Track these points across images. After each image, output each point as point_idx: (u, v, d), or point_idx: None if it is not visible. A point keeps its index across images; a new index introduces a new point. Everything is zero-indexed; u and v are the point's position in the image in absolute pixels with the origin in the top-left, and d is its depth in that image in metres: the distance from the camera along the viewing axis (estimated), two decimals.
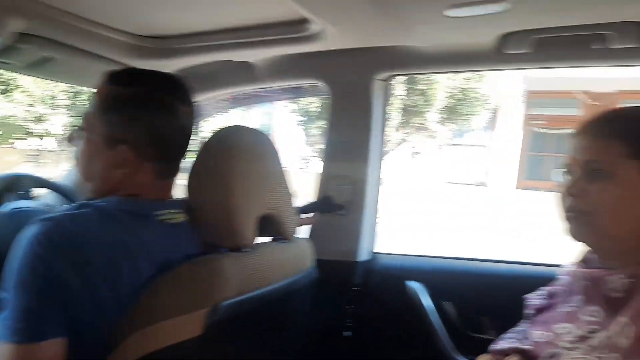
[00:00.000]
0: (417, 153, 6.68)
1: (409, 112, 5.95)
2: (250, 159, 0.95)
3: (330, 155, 1.56)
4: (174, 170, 0.97)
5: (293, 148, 8.40)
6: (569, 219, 0.86)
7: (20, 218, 1.38)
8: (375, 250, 1.62)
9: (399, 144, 6.35)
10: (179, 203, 0.96)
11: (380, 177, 1.60)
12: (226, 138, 0.96)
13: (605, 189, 0.80)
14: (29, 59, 1.32)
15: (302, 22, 1.22)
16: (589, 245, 0.89)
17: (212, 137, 0.96)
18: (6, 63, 1.32)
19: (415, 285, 1.44)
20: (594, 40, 1.16)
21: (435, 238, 5.79)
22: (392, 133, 6.04)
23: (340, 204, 1.52)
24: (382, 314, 1.50)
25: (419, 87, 5.82)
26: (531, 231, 5.90)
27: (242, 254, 0.93)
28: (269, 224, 1.01)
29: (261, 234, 1.00)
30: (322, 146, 1.59)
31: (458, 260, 1.58)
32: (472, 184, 8.86)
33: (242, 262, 0.91)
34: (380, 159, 1.58)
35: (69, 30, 1.26)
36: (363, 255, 1.55)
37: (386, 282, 1.53)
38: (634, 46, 1.12)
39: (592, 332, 0.81)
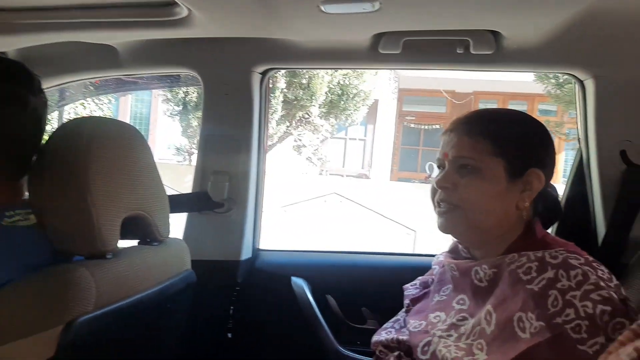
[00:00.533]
0: (302, 146, 6.77)
1: (293, 105, 5.99)
2: (108, 155, 0.83)
3: (207, 149, 1.48)
4: (25, 168, 0.85)
5: (171, 140, 7.98)
6: (440, 211, 0.91)
7: None
8: (259, 247, 1.59)
9: (283, 137, 6.37)
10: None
11: (264, 171, 1.57)
12: (78, 130, 0.84)
13: (473, 184, 0.86)
14: None
15: (168, 4, 1.12)
16: (457, 236, 0.95)
17: (60, 129, 0.84)
18: None
19: (299, 281, 1.44)
20: (458, 46, 1.25)
21: (320, 232, 5.93)
22: (276, 126, 6.03)
23: (219, 202, 1.45)
24: (266, 313, 1.47)
25: (302, 80, 5.88)
26: (410, 221, 6.33)
27: (104, 261, 0.83)
28: (137, 226, 0.92)
29: (128, 237, 0.91)
30: (198, 140, 1.51)
31: (340, 254, 1.62)
32: (354, 176, 9.28)
33: (103, 271, 0.81)
34: (263, 153, 1.54)
35: None
36: (245, 254, 1.51)
37: (270, 280, 1.51)
38: (489, 53, 1.23)
39: (462, 320, 0.87)
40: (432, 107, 10.01)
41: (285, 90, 5.82)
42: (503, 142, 0.87)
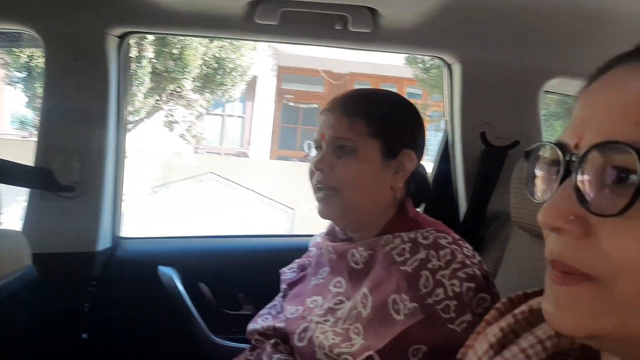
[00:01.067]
0: (174, 122, 6.33)
1: (163, 77, 5.53)
2: None
3: (51, 123, 1.26)
4: None
5: (14, 111, 6.91)
6: (319, 197, 0.88)
7: None
8: (120, 235, 1.42)
9: (152, 112, 5.87)
10: None
11: (124, 150, 1.39)
12: None
13: (350, 165, 0.84)
14: None
15: None
16: (335, 220, 0.93)
17: None
18: None
19: (167, 270, 1.33)
20: (337, 21, 1.21)
21: (194, 215, 5.67)
22: (144, 100, 5.51)
23: (69, 185, 1.25)
24: (130, 307, 1.34)
25: (174, 50, 5.43)
26: (289, 200, 6.36)
27: None
28: None
29: None
30: (40, 112, 1.27)
31: (212, 239, 1.53)
32: (233, 154, 9.05)
33: None
34: (123, 129, 1.36)
35: None
36: (103, 244, 1.34)
37: (134, 271, 1.36)
38: (367, 31, 1.21)
39: (339, 303, 0.85)
40: (310, 86, 10.16)
41: (154, 60, 5.33)
42: (379, 122, 0.86)
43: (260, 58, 7.19)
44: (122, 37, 1.29)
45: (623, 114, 0.34)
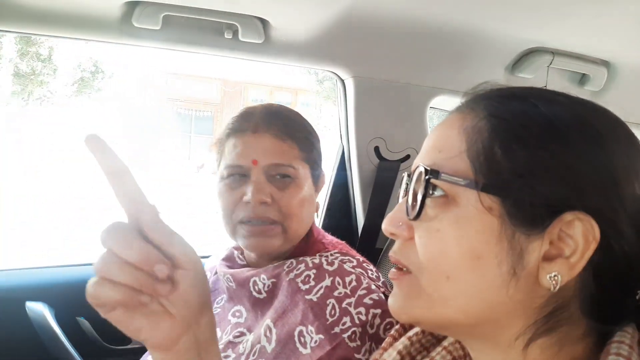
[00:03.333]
0: (53, 125, 5.68)
1: (28, 80, 4.93)
2: None
3: None
4: None
5: None
6: (253, 230, 0.78)
7: None
8: None
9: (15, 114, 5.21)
10: None
11: None
12: None
13: (294, 195, 0.78)
14: None
15: None
16: (271, 252, 0.82)
17: None
18: None
19: (37, 306, 1.16)
20: (227, 30, 1.14)
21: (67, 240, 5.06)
22: (7, 103, 4.87)
23: None
24: None
25: (40, 51, 4.88)
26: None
27: None
28: None
29: None
30: None
31: (89, 267, 1.35)
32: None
33: None
34: None
35: None
36: None
37: None
38: (258, 42, 1.16)
39: (239, 336, 0.78)
40: (202, 94, 9.83)
41: (19, 61, 4.74)
42: (308, 146, 0.83)
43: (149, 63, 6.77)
44: None
45: (434, 145, 0.46)
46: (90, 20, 1.10)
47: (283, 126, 0.81)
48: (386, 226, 0.47)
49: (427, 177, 0.42)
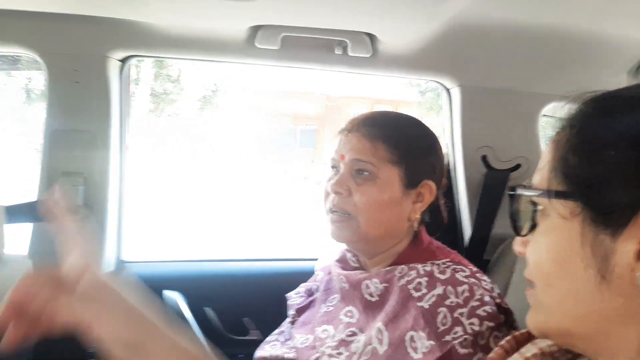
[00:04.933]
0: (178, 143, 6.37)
1: (161, 99, 5.59)
2: None
3: (54, 146, 1.25)
4: None
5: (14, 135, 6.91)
6: (333, 219, 0.86)
7: None
8: (123, 258, 1.40)
9: (151, 133, 5.92)
10: None
11: (124, 172, 1.38)
12: None
13: (369, 192, 0.82)
14: None
15: None
16: (349, 245, 0.90)
17: None
18: None
19: (172, 295, 1.30)
20: (337, 46, 1.23)
21: (195, 238, 5.59)
22: (145, 120, 5.57)
23: (73, 208, 1.24)
24: None
25: (170, 73, 5.52)
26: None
27: None
28: None
29: None
30: (43, 136, 1.26)
31: (218, 263, 1.51)
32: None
33: None
34: (123, 151, 1.36)
35: None
36: (107, 267, 1.32)
37: (140, 294, 1.33)
38: (366, 56, 1.23)
39: (351, 335, 0.82)
40: (306, 107, 10.24)
41: (154, 82, 5.40)
42: (402, 151, 0.84)
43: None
44: (124, 61, 1.30)
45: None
46: (218, 43, 1.25)
47: (373, 127, 0.85)
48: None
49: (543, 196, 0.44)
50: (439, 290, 0.75)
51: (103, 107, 1.26)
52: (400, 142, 0.85)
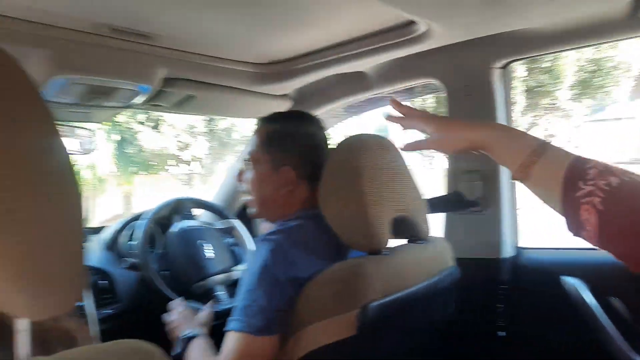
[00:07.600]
0: (551, 136, 6.05)
1: (535, 93, 5.44)
2: (377, 164, 0.97)
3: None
4: (318, 175, 1.05)
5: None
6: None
7: (189, 235, 1.61)
8: (520, 245, 1.52)
9: (529, 128, 5.83)
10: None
11: None
12: (350, 148, 1.00)
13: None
14: (174, 99, 1.51)
15: (408, 24, 1.22)
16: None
17: (336, 149, 1.01)
18: (157, 105, 1.53)
19: (572, 281, 1.30)
20: None
21: None
22: (520, 118, 5.57)
23: (474, 200, 1.46)
24: (537, 312, 1.40)
25: (543, 65, 5.29)
26: None
27: (382, 256, 0.95)
28: (402, 226, 1.02)
29: (396, 236, 1.01)
30: None
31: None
32: (626, 162, 7.80)
33: (383, 265, 0.93)
34: None
35: (203, 69, 1.42)
36: (507, 252, 1.47)
37: (537, 279, 1.43)
38: None
39: None
40: None
41: (527, 77, 5.33)
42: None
43: None
44: (504, 67, 1.44)
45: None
46: (596, 26, 1.21)
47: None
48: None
49: None
50: None
51: (489, 112, 1.43)
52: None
